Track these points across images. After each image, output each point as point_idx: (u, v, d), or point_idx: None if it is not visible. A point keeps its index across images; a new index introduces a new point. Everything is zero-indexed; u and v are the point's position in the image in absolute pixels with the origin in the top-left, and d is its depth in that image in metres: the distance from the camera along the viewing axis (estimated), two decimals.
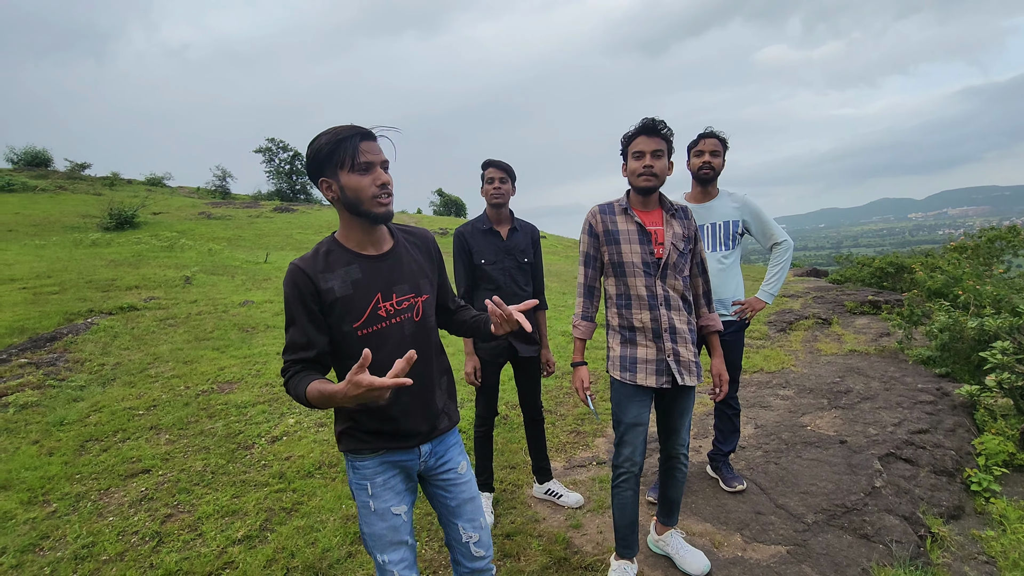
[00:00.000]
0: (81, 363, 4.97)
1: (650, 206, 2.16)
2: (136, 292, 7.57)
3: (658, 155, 2.04)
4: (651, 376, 2.10)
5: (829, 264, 21.07)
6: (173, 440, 3.64)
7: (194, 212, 20.32)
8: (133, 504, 2.93)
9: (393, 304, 1.50)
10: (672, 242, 2.10)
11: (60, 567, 2.45)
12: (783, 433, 3.68)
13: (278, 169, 35.54)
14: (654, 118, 2.05)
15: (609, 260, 2.16)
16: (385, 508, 1.52)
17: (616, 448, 2.21)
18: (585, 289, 2.25)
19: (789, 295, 9.04)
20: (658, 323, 2.08)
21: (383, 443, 1.52)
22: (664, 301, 2.09)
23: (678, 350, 2.09)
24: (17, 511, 2.87)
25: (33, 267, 8.93)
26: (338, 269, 1.45)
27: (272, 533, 2.66)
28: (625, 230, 2.12)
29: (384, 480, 1.54)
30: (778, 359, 5.48)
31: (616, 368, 2.16)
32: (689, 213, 2.21)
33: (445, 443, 1.65)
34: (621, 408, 2.16)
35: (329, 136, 1.40)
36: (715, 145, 2.73)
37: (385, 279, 1.50)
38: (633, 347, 2.13)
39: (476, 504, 1.67)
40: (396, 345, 1.49)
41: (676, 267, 2.11)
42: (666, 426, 2.25)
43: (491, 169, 2.73)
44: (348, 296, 1.45)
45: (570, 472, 3.34)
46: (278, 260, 12.22)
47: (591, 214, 2.21)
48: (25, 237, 13.11)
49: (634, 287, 2.11)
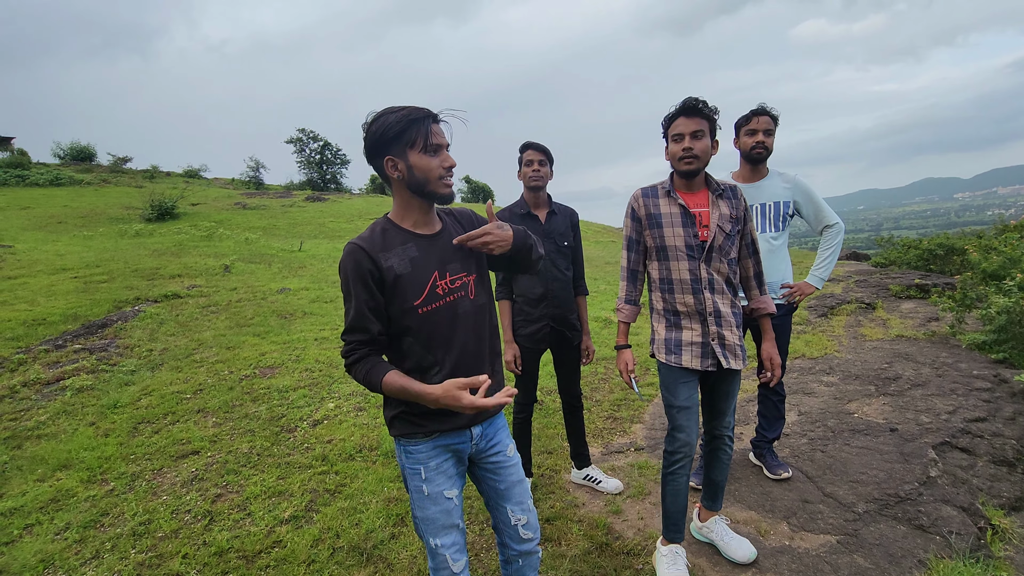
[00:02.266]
0: (131, 349, 5.16)
1: (695, 187, 2.09)
2: (179, 280, 7.82)
3: (698, 136, 1.98)
4: (696, 359, 2.06)
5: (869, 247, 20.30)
6: (220, 423, 3.75)
7: (230, 203, 20.84)
8: (185, 484, 3.04)
9: (448, 282, 1.51)
10: (719, 224, 2.03)
11: (120, 543, 2.56)
12: (829, 420, 3.57)
13: (309, 159, 36.12)
14: (696, 97, 1.98)
15: (653, 244, 2.12)
16: (438, 492, 1.54)
17: (670, 433, 2.16)
18: (628, 273, 2.23)
19: (830, 279, 8.75)
20: (703, 306, 2.04)
21: (436, 426, 1.53)
22: (708, 284, 2.04)
23: (723, 333, 2.05)
24: (78, 489, 3.02)
25: (83, 257, 9.31)
26: (396, 248, 1.47)
27: (317, 514, 2.72)
28: (668, 213, 2.07)
29: (437, 464, 1.55)
30: (820, 344, 5.31)
31: (662, 351, 2.14)
32: (739, 192, 2.13)
33: (495, 425, 1.66)
34: (671, 391, 2.12)
35: (399, 116, 1.41)
36: (768, 123, 2.61)
37: (439, 257, 1.52)
38: (678, 330, 2.10)
39: (524, 487, 1.67)
40: (453, 323, 1.51)
41: (722, 250, 2.05)
42: (711, 407, 2.22)
43: (530, 151, 2.69)
44: (408, 274, 1.46)
45: (608, 458, 3.31)
46: (312, 248, 12.45)
47: (633, 197, 2.17)
48: (74, 228, 13.68)
49: (677, 271, 2.06)
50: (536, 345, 2.74)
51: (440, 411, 1.51)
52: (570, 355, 2.83)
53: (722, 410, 2.19)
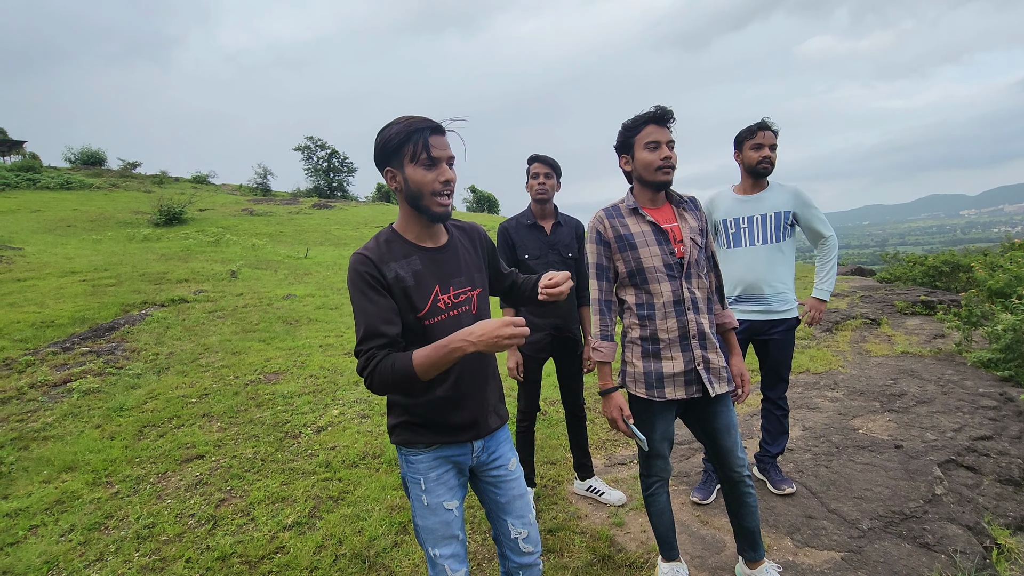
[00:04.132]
0: (137, 352, 5.20)
1: (659, 202, 1.99)
2: (186, 285, 7.87)
3: (672, 146, 1.89)
4: (680, 388, 1.93)
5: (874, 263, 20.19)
6: (224, 428, 3.77)
7: (237, 208, 21.01)
8: (189, 488, 3.05)
9: (451, 297, 1.51)
10: (691, 238, 1.94)
11: (124, 545, 2.57)
12: (833, 436, 3.56)
13: (316, 167, 36.39)
14: (664, 106, 1.88)
15: (626, 268, 1.96)
16: (438, 503, 1.53)
17: (645, 460, 2.08)
18: (602, 304, 2.03)
19: (834, 294, 8.74)
20: (686, 329, 1.92)
21: (436, 437, 1.53)
22: (692, 304, 1.92)
23: (708, 356, 1.93)
24: (83, 491, 3.03)
25: (91, 260, 9.39)
26: (399, 259, 1.46)
27: (320, 520, 2.73)
28: (639, 232, 1.93)
29: (437, 475, 1.55)
30: (825, 359, 5.30)
31: (640, 385, 1.97)
32: (699, 204, 2.05)
33: (496, 439, 1.66)
34: (647, 427, 2.00)
35: (401, 127, 1.40)
36: (773, 138, 2.64)
37: (443, 271, 1.52)
38: (658, 361, 1.94)
39: (525, 500, 1.67)
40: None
41: (699, 264, 1.95)
42: (715, 446, 2.04)
43: (537, 164, 2.73)
44: (410, 287, 1.45)
45: (611, 469, 3.31)
46: (318, 255, 12.52)
47: (597, 219, 2.01)
48: (83, 232, 13.81)
49: (658, 293, 1.91)
50: (538, 354, 2.76)
51: (440, 423, 1.53)
52: (572, 365, 2.84)
53: (728, 448, 2.00)
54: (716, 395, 1.94)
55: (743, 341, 2.80)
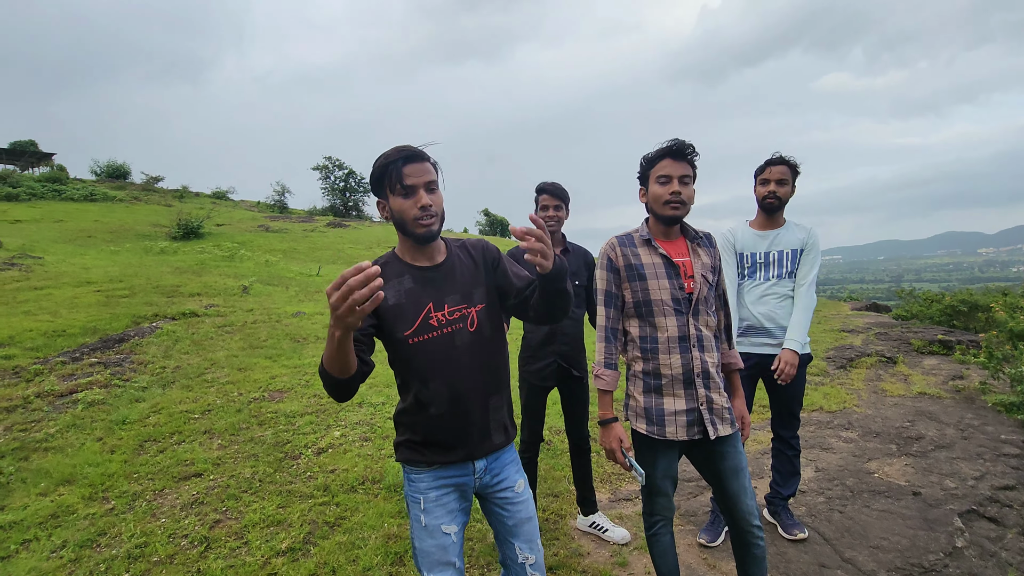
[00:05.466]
0: (144, 365, 5.21)
1: (672, 235, 1.97)
2: (198, 299, 7.93)
3: (686, 181, 1.87)
4: (682, 428, 1.87)
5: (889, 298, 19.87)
6: (225, 445, 3.73)
7: (254, 225, 21.31)
8: (184, 507, 3.00)
9: (444, 314, 1.53)
10: (702, 274, 1.91)
11: (114, 565, 2.52)
12: (847, 479, 3.44)
13: (333, 186, 36.97)
14: (682, 140, 1.86)
15: (632, 299, 1.93)
16: (435, 525, 1.53)
17: (648, 498, 2.01)
18: (608, 332, 1.99)
19: (849, 330, 8.57)
20: (690, 368, 1.86)
21: (435, 456, 1.54)
22: (697, 342, 1.88)
23: (711, 396, 1.87)
24: (78, 506, 2.99)
25: (107, 271, 9.52)
26: (392, 279, 1.52)
27: (315, 547, 2.66)
28: (650, 263, 1.91)
29: (437, 496, 1.55)
30: (839, 397, 5.16)
31: (641, 420, 1.93)
32: (713, 240, 2.03)
33: (501, 460, 1.64)
34: (649, 463, 1.95)
35: (379, 160, 1.48)
36: (782, 173, 2.61)
37: (436, 289, 1.54)
38: (659, 396, 1.90)
39: (533, 525, 1.65)
40: (447, 355, 1.52)
41: (707, 301, 1.92)
42: (722, 490, 1.94)
43: (544, 196, 2.72)
44: (400, 305, 1.50)
45: (615, 505, 3.21)
46: (329, 273, 12.59)
47: (609, 246, 2.00)
48: (102, 243, 14.05)
49: (663, 328, 1.88)
50: (543, 383, 2.71)
51: (439, 442, 1.54)
52: (578, 395, 2.78)
53: (735, 492, 1.90)
54: (718, 437, 1.87)
55: (753, 376, 2.73)
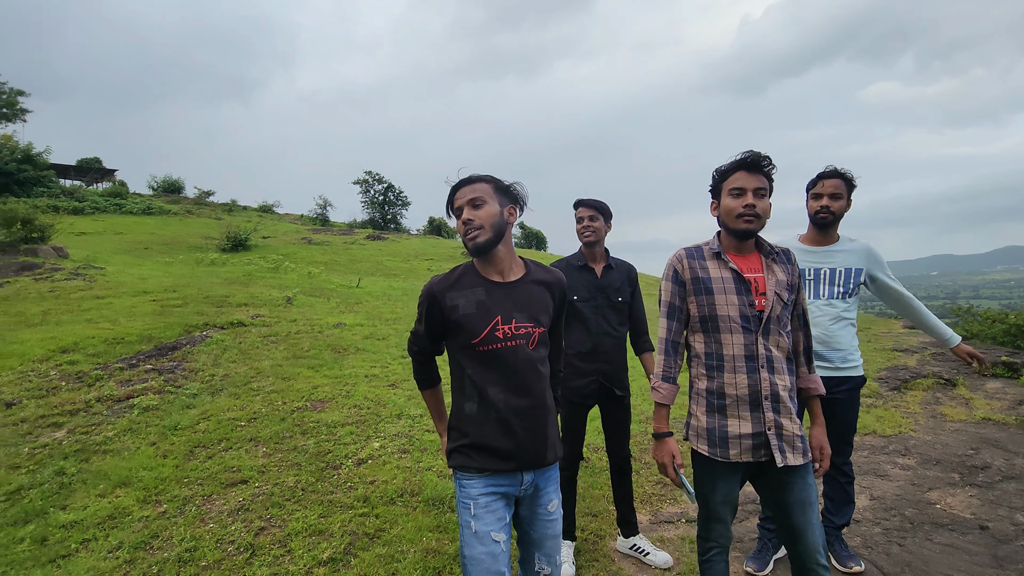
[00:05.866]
0: (195, 372, 5.42)
1: (746, 250, 1.90)
2: (245, 309, 8.22)
3: (761, 194, 1.81)
4: (747, 452, 1.79)
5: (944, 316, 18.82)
6: (269, 453, 3.83)
7: (297, 237, 22.02)
8: (231, 513, 3.09)
9: (512, 328, 1.63)
10: (776, 291, 1.82)
11: (166, 568, 2.60)
12: (906, 509, 3.25)
13: (372, 199, 37.89)
14: (757, 152, 1.82)
15: (698, 313, 1.88)
16: (485, 532, 1.59)
17: (704, 523, 1.93)
18: (668, 345, 1.94)
19: (902, 349, 8.16)
20: (757, 389, 1.78)
21: (487, 463, 1.61)
22: (766, 362, 1.79)
23: (780, 422, 1.77)
24: (133, 508, 3.12)
25: (162, 282, 9.99)
26: (466, 289, 1.66)
27: (355, 558, 2.69)
28: (719, 277, 1.86)
29: (487, 503, 1.61)
30: (894, 421, 4.91)
31: (703, 441, 1.86)
32: (792, 257, 1.93)
33: (547, 476, 1.72)
34: (708, 487, 1.87)
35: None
36: (836, 187, 2.52)
37: (507, 305, 1.65)
38: (723, 418, 1.82)
39: (557, 544, 1.73)
40: (509, 367, 1.62)
41: (780, 321, 1.83)
42: (787, 524, 1.83)
43: (582, 208, 2.73)
44: (470, 315, 1.62)
45: (656, 527, 3.13)
46: (369, 285, 12.86)
47: (676, 258, 1.95)
48: (157, 255, 14.78)
49: (729, 345, 1.82)
50: (583, 400, 2.68)
51: (493, 449, 1.62)
52: (619, 413, 2.74)
53: (800, 528, 1.78)
54: (787, 465, 1.77)
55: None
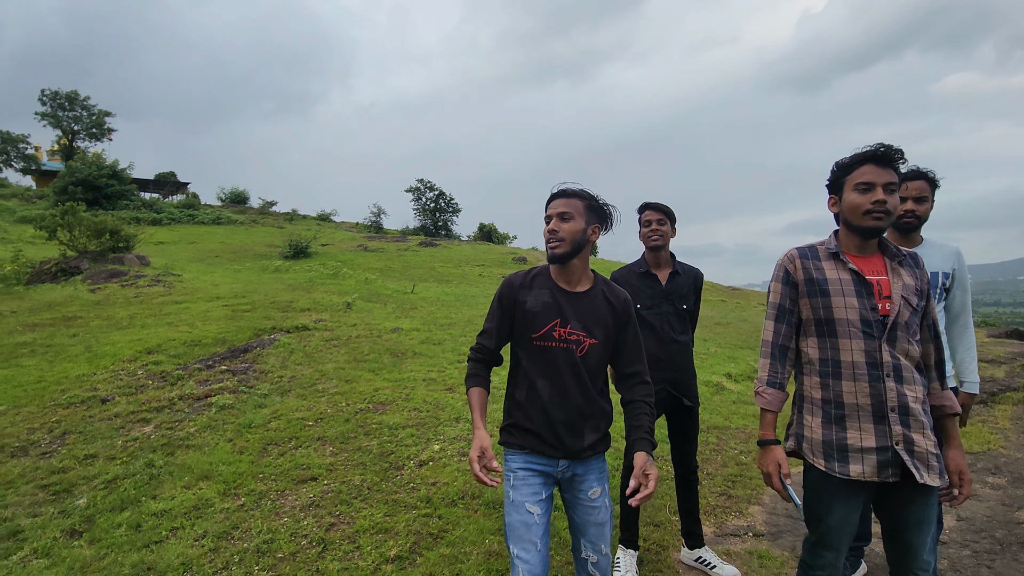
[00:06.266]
0: (265, 374, 5.72)
1: (868, 251, 1.77)
2: (308, 314, 8.60)
3: (891, 189, 1.68)
4: (871, 468, 1.63)
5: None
6: (336, 452, 3.99)
7: (353, 244, 22.81)
8: (303, 508, 3.24)
9: (567, 332, 1.78)
10: (903, 296, 1.68)
11: (246, 557, 2.76)
12: (996, 531, 3.03)
13: (424, 207, 38.73)
14: (888, 144, 1.69)
15: (812, 316, 1.77)
16: (520, 501, 1.75)
17: (812, 548, 1.76)
18: (775, 349, 1.85)
19: (988, 360, 7.58)
20: (881, 400, 1.64)
21: (527, 442, 1.80)
22: (893, 371, 1.64)
23: (911, 436, 1.61)
24: (215, 500, 3.33)
25: (232, 288, 10.60)
26: (536, 290, 1.84)
27: (420, 557, 2.76)
28: (836, 279, 1.74)
29: (524, 476, 1.79)
30: (981, 437, 4.57)
31: (818, 454, 1.72)
32: (921, 262, 1.78)
33: (586, 465, 1.83)
34: (822, 504, 1.72)
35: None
36: (920, 189, 2.37)
37: (566, 311, 1.80)
38: (841, 429, 1.68)
39: (602, 531, 1.80)
40: (556, 366, 1.78)
41: (908, 328, 1.67)
42: (897, 539, 1.71)
43: (648, 212, 2.70)
44: (535, 312, 1.81)
45: (721, 540, 3.04)
46: (423, 291, 13.16)
47: (787, 258, 1.85)
48: (227, 262, 15.69)
49: (847, 351, 1.69)
50: None
51: (534, 431, 1.79)
52: (687, 423, 2.69)
53: (912, 546, 1.67)
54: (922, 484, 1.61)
55: None
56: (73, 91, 37.47)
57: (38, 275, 11.35)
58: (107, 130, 39.44)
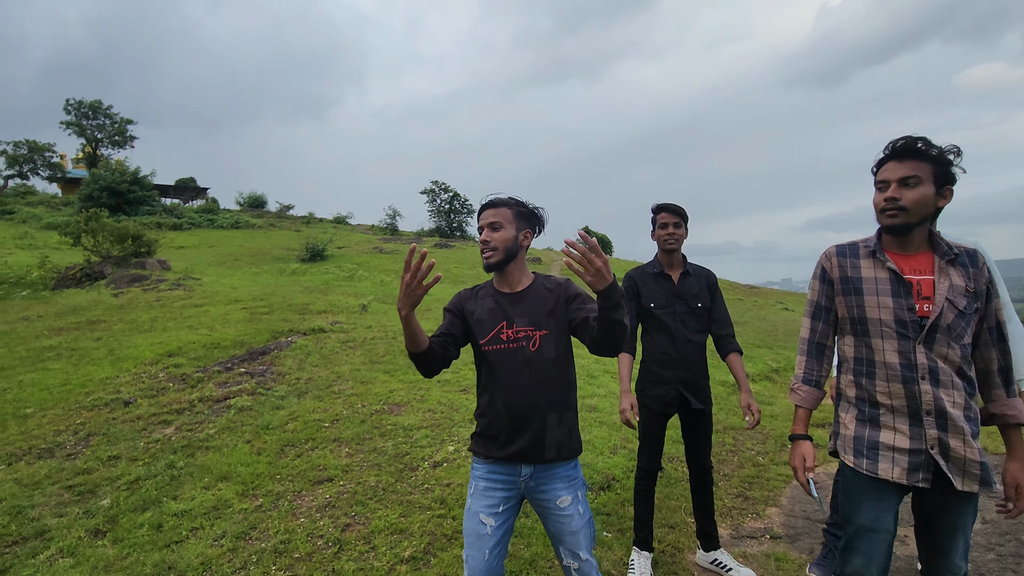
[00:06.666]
0: (282, 376, 5.80)
1: (912, 248, 1.69)
2: (324, 316, 8.70)
3: (910, 183, 1.61)
4: (901, 470, 1.60)
5: None
6: (352, 454, 4.03)
7: (369, 247, 23.00)
8: (319, 509, 3.28)
9: (513, 332, 1.83)
10: (948, 297, 1.60)
11: (264, 557, 2.81)
12: (1022, 534, 2.95)
13: (439, 208, 38.91)
14: (909, 136, 1.63)
15: (847, 314, 1.75)
16: (475, 512, 1.80)
17: (842, 553, 1.72)
18: (812, 347, 1.84)
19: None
20: (916, 401, 1.60)
21: (492, 450, 1.82)
22: (929, 374, 1.59)
23: (948, 442, 1.57)
24: (234, 501, 3.38)
25: (251, 291, 10.76)
26: (480, 299, 1.92)
27: (434, 558, 2.78)
28: (871, 278, 1.70)
29: (484, 487, 1.82)
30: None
31: (849, 451, 1.71)
32: (980, 259, 1.67)
33: (550, 472, 1.82)
34: (852, 504, 1.69)
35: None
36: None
37: (509, 311, 1.86)
38: (875, 428, 1.67)
39: (578, 539, 1.79)
40: (511, 365, 1.81)
41: (951, 331, 1.60)
42: (930, 541, 1.68)
43: (664, 214, 2.67)
44: (482, 319, 1.87)
45: (738, 543, 3.01)
46: (436, 292, 13.21)
47: (825, 256, 1.83)
48: (246, 265, 15.93)
49: (879, 351, 1.66)
50: (664, 409, 2.63)
51: (495, 437, 1.81)
52: (700, 423, 2.67)
53: (946, 549, 1.64)
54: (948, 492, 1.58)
55: None
56: (97, 100, 38.45)
57: (64, 280, 11.65)
58: (129, 138, 40.36)
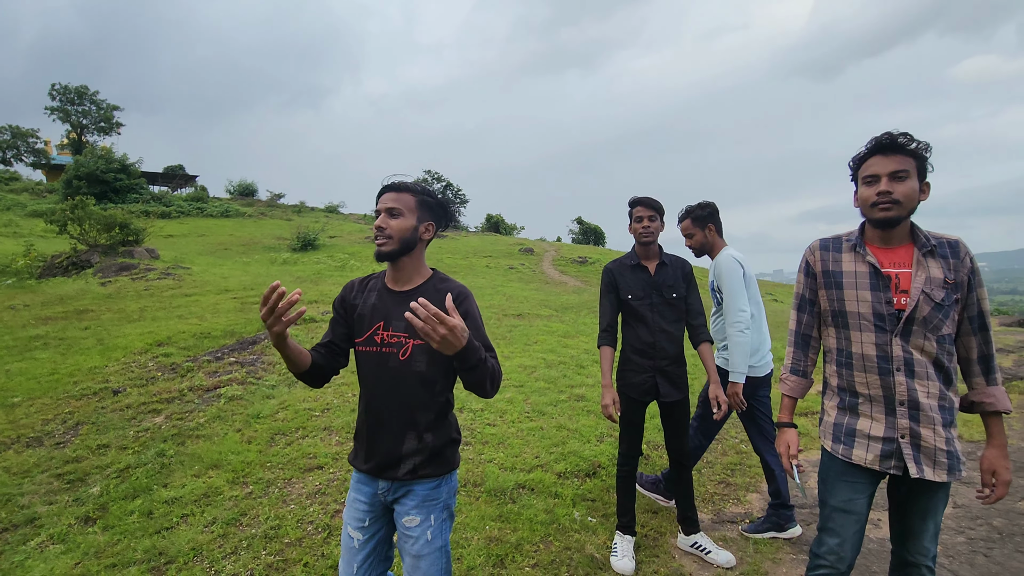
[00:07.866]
0: (273, 365, 5.81)
1: (894, 241, 1.72)
2: (315, 306, 8.70)
3: (900, 177, 1.63)
4: (873, 456, 1.67)
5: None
6: (341, 442, 4.08)
7: (361, 236, 22.90)
8: (309, 496, 3.32)
9: (388, 335, 1.65)
10: (924, 290, 1.63)
11: (254, 543, 2.85)
12: (994, 519, 3.05)
13: None
14: (893, 131, 1.65)
15: (828, 307, 1.81)
16: (345, 523, 1.71)
17: (819, 534, 1.80)
18: (798, 338, 1.91)
19: (997, 349, 7.53)
20: (890, 392, 1.66)
21: (356, 461, 1.71)
22: (904, 365, 1.64)
23: (917, 431, 1.62)
24: (224, 488, 3.42)
25: (241, 280, 10.72)
26: (368, 292, 1.73)
27: None
28: (851, 272, 1.74)
29: (353, 498, 1.72)
30: (982, 425, 4.57)
31: (828, 436, 1.80)
32: (961, 250, 1.68)
33: (407, 488, 1.67)
34: (827, 487, 1.78)
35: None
36: None
37: (390, 312, 1.66)
38: (853, 415, 1.74)
39: (419, 564, 1.62)
40: (379, 371, 1.64)
41: (928, 323, 1.63)
42: (901, 525, 1.77)
43: (639, 208, 2.72)
44: (363, 315, 1.69)
45: (718, 527, 3.09)
46: None
47: (809, 250, 1.88)
48: (236, 255, 15.83)
49: (858, 343, 1.72)
50: (642, 396, 2.70)
51: (360, 446, 1.71)
52: (677, 411, 2.73)
53: (915, 532, 1.72)
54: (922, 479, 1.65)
55: None
56: (83, 86, 37.78)
57: (50, 269, 11.55)
58: (116, 124, 39.75)
